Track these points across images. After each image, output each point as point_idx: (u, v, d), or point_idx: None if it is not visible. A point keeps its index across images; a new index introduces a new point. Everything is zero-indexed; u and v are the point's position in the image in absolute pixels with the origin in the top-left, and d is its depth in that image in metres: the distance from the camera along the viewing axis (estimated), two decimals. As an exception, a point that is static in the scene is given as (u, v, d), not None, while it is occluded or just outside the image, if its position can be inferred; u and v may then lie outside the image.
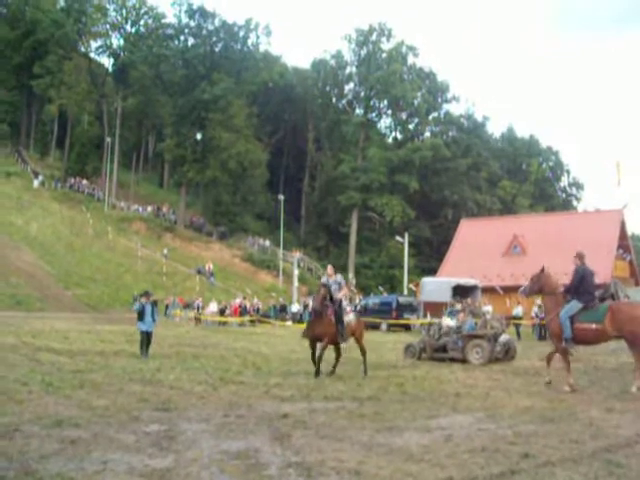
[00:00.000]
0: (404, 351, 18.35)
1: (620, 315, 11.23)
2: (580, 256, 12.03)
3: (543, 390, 11.44)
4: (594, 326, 11.33)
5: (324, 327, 13.32)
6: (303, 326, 34.53)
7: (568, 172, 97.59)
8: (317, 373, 13.11)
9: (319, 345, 13.35)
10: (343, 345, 14.21)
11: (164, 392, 10.82)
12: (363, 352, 14.32)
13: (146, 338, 17.06)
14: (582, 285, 11.73)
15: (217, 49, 72.91)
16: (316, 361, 13.25)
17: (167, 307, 44.45)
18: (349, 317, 14.16)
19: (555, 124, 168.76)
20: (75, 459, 6.35)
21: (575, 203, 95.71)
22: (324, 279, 14.40)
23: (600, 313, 11.37)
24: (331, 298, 13.58)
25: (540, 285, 12.34)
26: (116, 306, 46.56)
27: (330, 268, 14.49)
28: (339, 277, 14.34)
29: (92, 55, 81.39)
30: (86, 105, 76.00)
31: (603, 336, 11.49)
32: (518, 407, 9.67)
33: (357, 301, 43.16)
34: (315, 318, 13.60)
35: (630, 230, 44.58)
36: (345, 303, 14.48)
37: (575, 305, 11.59)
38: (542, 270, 12.40)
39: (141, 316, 17.18)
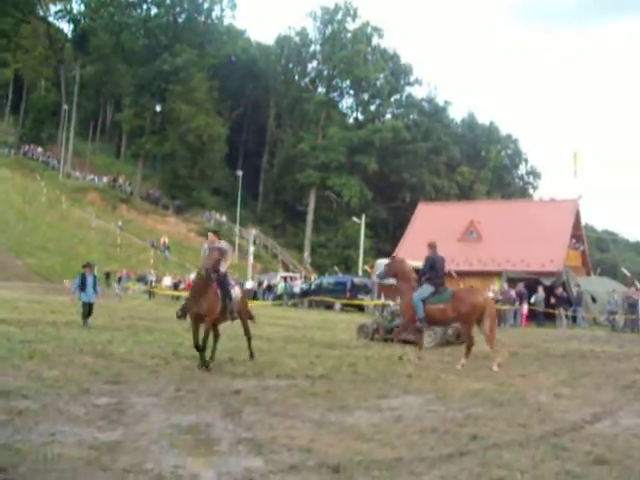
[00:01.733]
0: (357, 331, 18.39)
1: (458, 300, 12.38)
2: (431, 245, 13.23)
3: (492, 374, 11.59)
4: (441, 306, 12.45)
5: (209, 303, 10.91)
6: (257, 302, 34.66)
7: (526, 160, 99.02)
8: (205, 363, 10.87)
9: (202, 325, 11.06)
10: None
11: (115, 365, 10.71)
12: (247, 333, 12.32)
13: (87, 309, 17.29)
14: (433, 271, 12.87)
15: (180, 20, 71.93)
16: (200, 346, 10.87)
17: (120, 279, 43.97)
18: (235, 291, 11.85)
19: (515, 112, 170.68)
20: (23, 430, 6.26)
21: (532, 191, 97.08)
22: (205, 246, 12.06)
23: (446, 296, 12.53)
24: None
25: (395, 271, 13.41)
26: (68, 276, 45.62)
27: (211, 235, 11.96)
28: (223, 243, 11.97)
29: (51, 19, 79.62)
30: (43, 71, 74.45)
31: (448, 317, 12.64)
32: (468, 390, 9.76)
33: (311, 279, 43.24)
34: (198, 291, 11.04)
35: (584, 220, 45.14)
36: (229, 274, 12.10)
37: (427, 289, 12.69)
38: (393, 257, 13.63)
39: (83, 287, 17.49)
